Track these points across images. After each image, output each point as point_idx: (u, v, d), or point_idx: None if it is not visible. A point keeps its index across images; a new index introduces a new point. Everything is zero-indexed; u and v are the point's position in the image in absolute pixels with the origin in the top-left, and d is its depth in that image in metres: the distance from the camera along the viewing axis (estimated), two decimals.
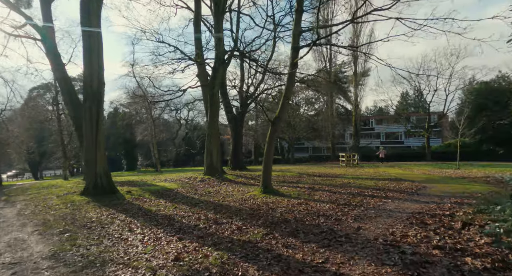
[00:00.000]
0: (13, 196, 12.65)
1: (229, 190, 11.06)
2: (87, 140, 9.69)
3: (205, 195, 10.18)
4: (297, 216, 6.08)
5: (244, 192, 10.18)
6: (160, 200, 9.14)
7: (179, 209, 7.52)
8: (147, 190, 10.96)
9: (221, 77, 15.14)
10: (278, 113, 9.23)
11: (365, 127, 52.65)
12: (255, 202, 8.07)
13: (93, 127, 9.51)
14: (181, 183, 13.54)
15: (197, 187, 12.08)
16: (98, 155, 9.62)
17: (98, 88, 9.50)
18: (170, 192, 10.73)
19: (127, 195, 9.77)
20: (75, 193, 10.35)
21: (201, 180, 14.06)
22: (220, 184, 12.91)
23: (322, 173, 17.56)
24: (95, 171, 9.61)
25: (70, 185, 15.84)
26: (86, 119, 9.61)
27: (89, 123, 9.55)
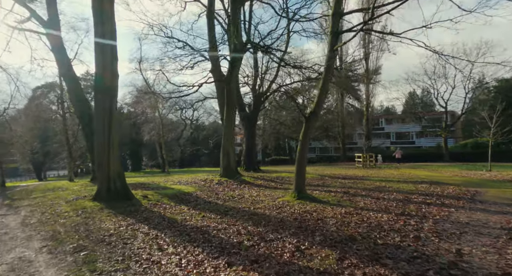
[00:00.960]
0: (17, 200, 11.69)
1: (254, 194, 10.01)
2: (98, 140, 8.68)
3: (229, 200, 9.14)
4: (360, 231, 5.01)
5: (273, 197, 9.12)
6: (181, 206, 8.10)
7: (208, 218, 6.47)
8: (164, 194, 9.94)
9: (238, 71, 14.10)
10: (314, 107, 8.17)
11: (374, 127, 51.37)
12: (293, 210, 7.01)
13: (106, 124, 8.50)
14: (197, 185, 12.52)
15: (217, 191, 11.04)
16: (111, 156, 8.61)
17: (111, 80, 8.49)
18: (190, 197, 9.70)
19: (143, 200, 8.75)
20: (85, 197, 9.34)
21: (218, 182, 13.02)
22: (240, 187, 11.86)
23: (344, 175, 16.46)
24: (108, 174, 8.60)
25: (77, 187, 14.90)
26: (97, 115, 8.61)
27: (101, 120, 8.54)
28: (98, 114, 8.60)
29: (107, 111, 8.50)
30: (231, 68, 13.37)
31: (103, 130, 8.54)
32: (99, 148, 8.65)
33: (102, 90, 8.48)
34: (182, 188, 11.44)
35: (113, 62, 8.63)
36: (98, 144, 8.67)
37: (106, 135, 8.55)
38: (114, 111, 8.81)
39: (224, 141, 14.19)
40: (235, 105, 14.88)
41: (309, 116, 8.22)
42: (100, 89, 8.47)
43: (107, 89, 8.47)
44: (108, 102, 8.48)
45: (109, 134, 8.60)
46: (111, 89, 8.56)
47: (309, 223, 5.67)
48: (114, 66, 8.70)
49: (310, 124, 8.30)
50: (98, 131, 8.68)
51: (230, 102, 13.78)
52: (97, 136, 8.74)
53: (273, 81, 21.11)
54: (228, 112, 13.91)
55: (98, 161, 8.74)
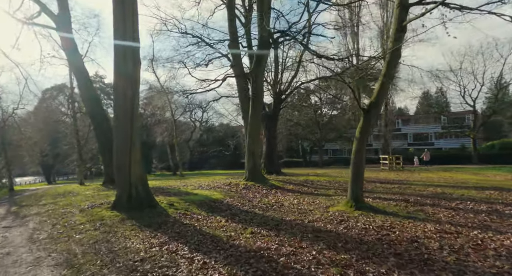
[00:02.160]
0: (25, 206, 10.54)
1: (294, 202, 8.60)
2: (118, 139, 7.44)
3: (268, 209, 7.77)
4: (498, 265, 3.56)
5: (321, 206, 7.70)
6: (216, 217, 6.76)
7: (261, 236, 5.11)
8: (190, 201, 8.62)
9: (265, 63, 12.79)
10: (375, 97, 6.76)
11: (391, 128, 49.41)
12: (363, 225, 5.59)
13: (128, 120, 7.27)
14: (222, 191, 11.19)
15: (248, 197, 9.67)
16: (132, 157, 7.35)
17: (133, 68, 7.26)
18: (221, 205, 8.35)
19: (169, 209, 7.44)
20: (102, 205, 8.09)
21: (245, 187, 11.67)
22: (272, 193, 10.48)
23: (378, 179, 14.91)
24: (129, 179, 7.33)
25: (89, 192, 13.75)
26: (118, 109, 7.37)
27: (121, 115, 7.31)
28: (118, 107, 7.37)
29: (129, 102, 7.26)
30: (258, 60, 12.06)
31: (124, 126, 7.30)
32: (118, 148, 7.41)
33: (123, 80, 7.24)
34: (208, 194, 10.12)
35: (135, 47, 7.40)
36: (118, 143, 7.43)
37: (128, 132, 7.30)
38: (137, 104, 7.57)
39: (249, 141, 12.86)
40: (262, 100, 13.56)
41: (368, 108, 6.83)
42: (121, 78, 7.23)
43: (129, 78, 7.24)
44: (130, 91, 7.25)
45: (131, 131, 7.35)
46: (133, 78, 7.33)
47: (403, 247, 4.24)
48: (136, 51, 7.48)
49: (370, 117, 6.92)
50: (117, 128, 7.45)
51: (257, 97, 12.46)
52: (117, 133, 7.50)
53: (294, 76, 19.76)
54: (254, 109, 12.59)
55: (117, 164, 7.49)
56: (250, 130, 12.81)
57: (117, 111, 7.40)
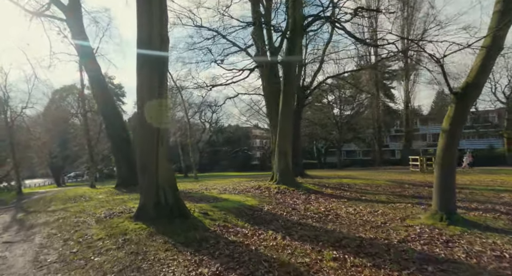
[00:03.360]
0: (32, 213, 9.30)
1: (350, 211, 7.10)
2: (142, 132, 6.10)
3: (323, 220, 6.29)
4: None
5: (390, 218, 6.19)
6: (268, 231, 5.32)
7: (352, 266, 3.64)
8: (224, 208, 7.20)
9: (299, 50, 11.37)
10: (474, 75, 5.14)
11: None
12: (482, 248, 4.07)
13: (154, 109, 5.92)
14: (253, 195, 9.76)
15: (288, 204, 8.21)
16: (160, 155, 5.99)
17: (160, 46, 5.91)
18: (262, 213, 6.92)
19: (205, 219, 6.03)
20: (121, 214, 6.74)
21: (278, 191, 10.22)
22: (314, 199, 8.99)
23: (423, 182, 13.24)
24: (156, 181, 5.97)
25: (101, 196, 12.50)
26: (142, 97, 6.02)
27: (146, 103, 5.96)
28: (142, 95, 6.02)
29: (155, 90, 5.92)
30: (291, 47, 10.64)
31: (150, 118, 5.94)
32: (143, 144, 6.06)
33: (148, 61, 5.89)
34: (240, 200, 8.69)
35: (162, 22, 6.07)
36: (142, 138, 6.08)
37: (154, 125, 5.95)
38: (166, 91, 6.23)
39: (280, 139, 11.41)
40: (294, 93, 12.14)
41: (465, 90, 5.28)
42: (146, 59, 5.88)
43: (155, 58, 5.89)
44: (156, 76, 5.90)
45: (158, 130, 6.00)
46: (161, 59, 5.99)
47: None
48: (164, 27, 6.14)
49: (466, 103, 5.41)
50: (141, 121, 6.10)
51: (289, 89, 11.03)
52: (141, 127, 6.16)
53: (318, 70, 18.28)
54: (285, 103, 11.17)
55: (141, 163, 6.13)
56: (280, 127, 11.37)
57: (141, 99, 6.06)
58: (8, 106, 18.90)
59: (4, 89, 18.50)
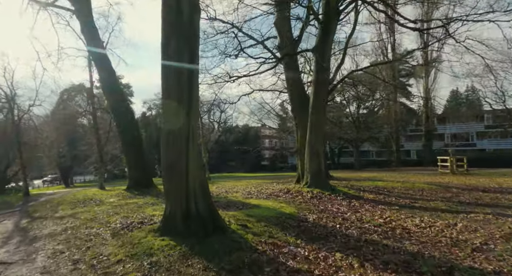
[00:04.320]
0: (38, 219, 8.26)
1: (417, 223, 5.80)
2: (171, 124, 4.92)
3: (391, 236, 5.02)
4: None
5: (485, 235, 4.89)
6: (334, 254, 4.08)
7: None
8: (261, 218, 5.99)
9: (333, 35, 10.12)
10: None
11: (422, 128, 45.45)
12: None
13: (184, 96, 4.77)
14: (285, 200, 8.55)
15: (333, 212, 6.95)
16: (191, 153, 4.82)
17: (190, 16, 4.73)
18: (309, 225, 5.68)
19: (246, 234, 4.83)
20: (142, 225, 5.59)
21: (313, 195, 8.97)
22: (359, 206, 7.71)
23: (470, 185, 11.81)
24: (187, 186, 4.80)
25: (113, 199, 11.47)
26: (168, 79, 4.84)
27: (174, 88, 4.80)
28: (169, 78, 4.85)
29: (184, 71, 4.75)
30: (325, 33, 9.39)
31: (179, 108, 4.79)
32: (170, 139, 4.88)
33: (176, 33, 4.71)
34: (274, 206, 7.47)
35: None
36: (170, 132, 4.90)
37: (183, 116, 4.79)
38: (197, 71, 5.06)
39: (311, 137, 10.16)
40: (328, 85, 10.89)
41: None
42: (174, 30, 4.71)
43: (185, 30, 4.72)
44: (186, 53, 4.74)
45: (188, 115, 4.84)
46: (191, 32, 4.81)
47: None
48: None
49: None
50: (168, 110, 4.95)
51: (322, 81, 9.78)
52: (168, 118, 4.99)
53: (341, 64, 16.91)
54: (317, 96, 9.92)
55: (167, 162, 4.95)
56: (311, 123, 10.12)
57: (167, 83, 4.90)
58: (15, 103, 18.11)
59: (10, 85, 17.74)
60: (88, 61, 17.50)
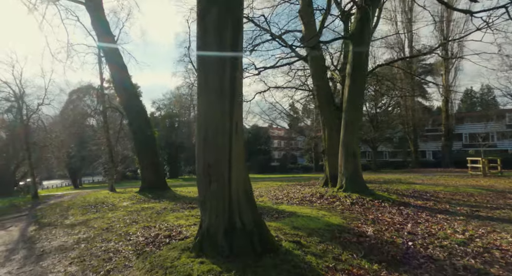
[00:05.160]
0: (46, 227, 7.39)
1: (510, 240, 4.69)
2: (207, 118, 3.94)
3: (498, 262, 3.93)
4: None
5: None
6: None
7: None
8: (310, 231, 4.96)
9: (371, 25, 9.04)
10: None
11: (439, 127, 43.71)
12: None
13: (225, 85, 3.79)
14: (322, 206, 7.51)
15: (389, 223, 5.87)
16: (234, 156, 3.85)
17: None
18: (374, 242, 4.62)
19: (304, 255, 3.80)
20: (171, 239, 4.63)
21: (353, 201, 7.88)
22: (412, 215, 6.61)
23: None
24: (229, 194, 3.82)
25: (126, 203, 10.61)
26: (207, 65, 3.88)
27: (214, 75, 3.82)
28: (208, 64, 3.88)
29: (226, 43, 3.78)
30: (364, 17, 8.32)
31: (220, 96, 3.81)
32: (210, 135, 3.90)
33: (217, 5, 3.75)
34: (316, 215, 6.42)
35: None
36: (207, 126, 3.92)
37: (227, 109, 3.83)
38: (241, 46, 4.07)
39: (347, 136, 9.08)
40: (366, 76, 9.82)
41: None
42: (214, 4, 3.75)
43: (226, 1, 3.75)
44: (229, 24, 3.77)
45: (231, 105, 3.85)
46: (233, 3, 3.83)
47: None
48: None
49: None
50: (206, 99, 3.96)
51: (360, 71, 8.70)
52: (205, 108, 3.99)
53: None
54: (354, 88, 8.85)
55: (203, 164, 3.96)
56: (347, 120, 9.04)
57: (206, 66, 3.92)
58: (24, 102, 17.49)
59: (19, 84, 17.11)
60: (98, 57, 16.80)
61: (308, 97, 24.17)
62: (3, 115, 23.61)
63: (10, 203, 15.81)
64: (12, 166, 28.12)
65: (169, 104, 37.54)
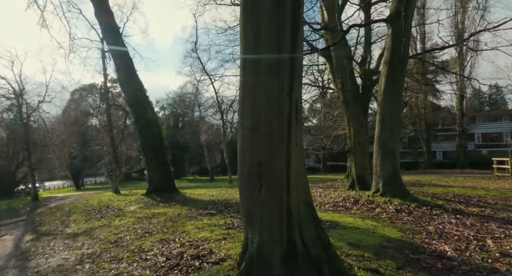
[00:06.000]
0: (44, 237, 6.39)
1: None
2: (255, 104, 2.90)
3: None
4: None
5: None
6: None
7: None
8: (370, 248, 3.92)
9: (415, 5, 7.99)
10: None
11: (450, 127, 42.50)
12: None
13: (284, 71, 2.77)
14: (363, 214, 6.45)
15: (460, 237, 4.80)
16: (293, 154, 2.82)
17: None
18: (465, 268, 3.55)
19: None
20: (201, 262, 3.57)
21: (397, 208, 6.81)
22: (479, 227, 5.53)
23: None
24: (287, 204, 2.78)
25: (133, 207, 9.61)
26: (260, 26, 2.85)
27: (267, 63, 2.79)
28: (260, 25, 2.85)
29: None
30: None
31: (279, 89, 2.78)
32: (260, 123, 2.87)
33: None
34: (362, 225, 5.37)
35: None
36: (255, 112, 2.89)
37: (286, 76, 2.79)
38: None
39: (383, 132, 8.03)
40: (406, 64, 8.77)
41: None
42: None
43: None
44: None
45: (291, 77, 2.83)
46: None
47: None
48: None
49: None
50: (258, 77, 2.92)
51: (398, 58, 7.65)
52: (253, 79, 2.94)
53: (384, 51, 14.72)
54: (392, 78, 7.81)
55: (250, 164, 2.93)
56: (384, 114, 7.99)
57: (258, 33, 2.89)
58: (23, 99, 16.58)
59: (19, 80, 16.21)
60: (102, 52, 15.88)
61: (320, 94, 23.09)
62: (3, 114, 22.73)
63: (8, 206, 14.87)
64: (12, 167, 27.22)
65: (173, 104, 36.62)
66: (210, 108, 35.21)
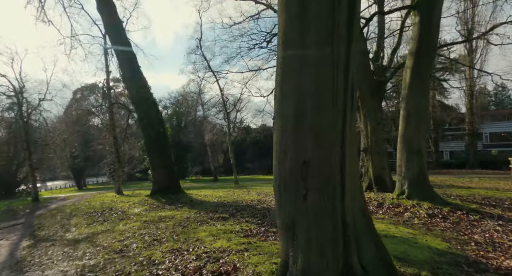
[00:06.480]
0: (42, 244, 5.82)
1: None
2: (300, 85, 2.29)
3: None
4: None
5: None
6: None
7: None
8: (415, 262, 3.30)
9: None
10: None
11: (458, 126, 41.71)
12: None
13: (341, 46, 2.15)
14: (391, 219, 5.83)
15: (505, 247, 4.19)
16: (348, 151, 2.22)
17: None
18: None
19: None
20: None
21: (428, 213, 6.18)
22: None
23: None
24: (342, 216, 2.17)
25: (138, 209, 9.03)
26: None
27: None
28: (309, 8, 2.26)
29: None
30: None
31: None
32: (307, 111, 2.26)
33: None
34: (398, 234, 4.76)
35: None
36: (300, 96, 2.28)
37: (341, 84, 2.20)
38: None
39: (408, 129, 7.40)
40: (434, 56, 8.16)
41: None
42: None
43: None
44: None
45: (347, 49, 2.21)
46: None
47: None
48: None
49: None
50: (301, 61, 2.31)
51: (426, 49, 7.01)
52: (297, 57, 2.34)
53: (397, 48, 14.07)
54: (417, 71, 7.18)
55: (292, 158, 2.32)
56: (410, 110, 7.36)
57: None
58: (24, 97, 16.06)
59: (19, 77, 15.70)
60: (104, 49, 15.33)
61: None
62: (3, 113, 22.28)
63: (8, 207, 14.35)
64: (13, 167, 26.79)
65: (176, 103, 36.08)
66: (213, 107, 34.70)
